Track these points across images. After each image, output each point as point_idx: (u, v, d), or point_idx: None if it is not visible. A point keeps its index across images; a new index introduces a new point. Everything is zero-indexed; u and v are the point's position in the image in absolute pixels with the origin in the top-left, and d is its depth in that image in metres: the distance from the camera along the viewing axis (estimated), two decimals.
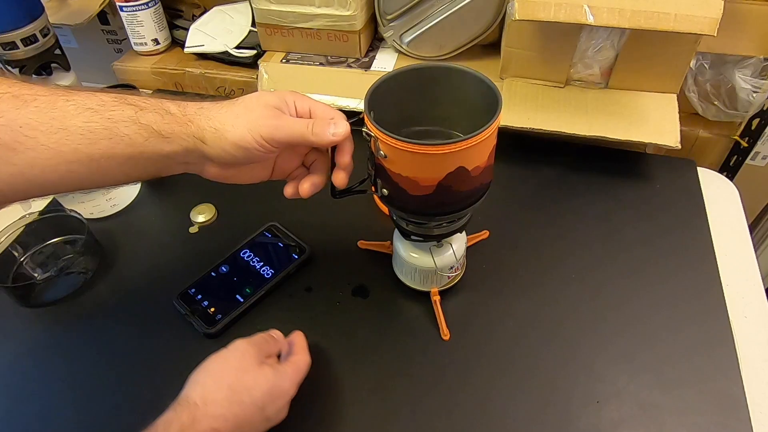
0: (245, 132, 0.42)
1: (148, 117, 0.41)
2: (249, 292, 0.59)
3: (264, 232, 0.65)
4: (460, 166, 0.42)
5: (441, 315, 0.56)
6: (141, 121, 0.41)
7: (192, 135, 0.42)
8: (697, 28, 0.56)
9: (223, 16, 0.92)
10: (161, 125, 0.41)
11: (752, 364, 0.53)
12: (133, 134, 0.40)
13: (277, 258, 0.62)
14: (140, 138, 0.40)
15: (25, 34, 0.73)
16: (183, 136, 0.42)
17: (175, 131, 0.41)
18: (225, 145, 0.42)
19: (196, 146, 0.42)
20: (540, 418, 0.49)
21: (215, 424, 0.40)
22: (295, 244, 0.64)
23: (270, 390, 0.44)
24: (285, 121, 0.43)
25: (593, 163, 0.73)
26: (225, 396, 0.42)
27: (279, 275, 0.60)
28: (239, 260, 0.62)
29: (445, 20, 0.75)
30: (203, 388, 0.42)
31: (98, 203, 0.68)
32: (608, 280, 0.60)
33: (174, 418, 0.40)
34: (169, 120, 0.42)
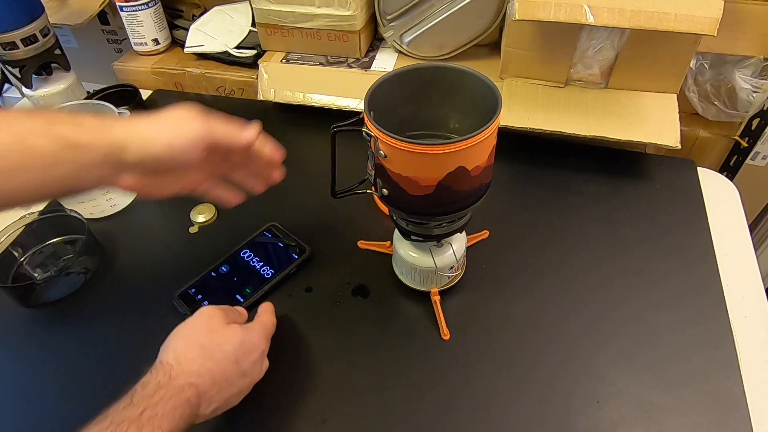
0: (174, 136, 0.43)
1: (60, 128, 0.41)
2: (249, 292, 0.59)
3: (264, 232, 0.65)
4: (460, 166, 0.42)
5: (441, 315, 0.56)
6: (53, 133, 0.41)
7: (111, 142, 0.42)
8: (697, 28, 0.56)
9: (223, 16, 0.92)
10: (75, 135, 0.41)
11: (752, 364, 0.53)
12: (45, 145, 0.40)
13: (277, 258, 0.62)
14: (53, 149, 0.40)
15: (25, 34, 0.73)
16: (100, 144, 0.42)
17: (91, 140, 0.42)
18: (152, 150, 0.43)
19: (114, 153, 0.42)
20: (540, 417, 0.49)
21: (191, 379, 0.41)
22: (295, 244, 0.63)
23: (241, 344, 0.45)
24: (214, 122, 0.46)
25: (593, 163, 0.73)
26: (198, 354, 0.43)
27: (279, 275, 0.60)
28: (239, 260, 0.62)
29: (445, 20, 0.75)
30: (175, 350, 0.43)
31: (98, 203, 0.68)
32: (608, 280, 0.60)
33: (151, 378, 0.41)
34: (84, 130, 0.42)
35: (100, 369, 0.55)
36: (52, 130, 0.41)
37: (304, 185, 0.73)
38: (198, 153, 0.44)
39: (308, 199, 0.70)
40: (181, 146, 0.43)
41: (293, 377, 0.53)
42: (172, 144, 0.43)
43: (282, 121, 0.84)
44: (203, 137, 0.44)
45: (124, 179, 0.44)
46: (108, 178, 0.43)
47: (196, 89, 0.91)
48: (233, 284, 0.60)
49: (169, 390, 0.40)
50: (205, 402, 0.42)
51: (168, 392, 0.40)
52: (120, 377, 0.54)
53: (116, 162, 0.42)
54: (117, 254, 0.65)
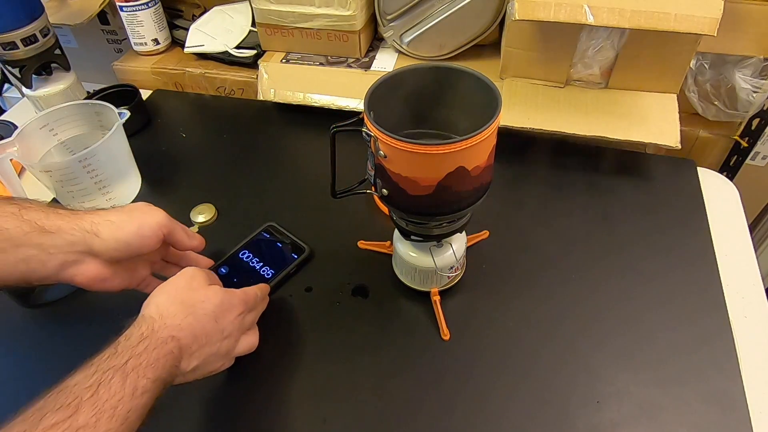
0: (142, 221, 0.48)
1: (31, 214, 0.43)
2: None
3: (262, 232, 0.65)
4: (460, 166, 0.42)
5: (441, 315, 0.56)
6: (24, 217, 0.43)
7: (83, 228, 0.45)
8: (697, 28, 0.56)
9: (223, 16, 0.92)
10: (45, 221, 0.43)
11: (752, 363, 0.53)
12: (13, 228, 0.42)
13: (277, 258, 0.62)
14: (20, 232, 0.42)
15: (25, 34, 0.73)
16: (70, 230, 0.44)
17: (61, 226, 0.44)
18: (121, 235, 0.46)
19: (84, 240, 0.45)
20: (540, 417, 0.49)
21: (173, 333, 0.42)
22: (294, 244, 0.63)
23: (220, 302, 0.46)
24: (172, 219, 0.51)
25: (593, 163, 0.73)
26: (179, 309, 0.44)
27: (279, 275, 0.60)
28: (239, 261, 0.62)
29: (445, 20, 0.75)
30: (158, 305, 0.44)
31: (98, 203, 0.68)
32: (608, 280, 0.60)
33: (134, 331, 0.41)
34: (55, 217, 0.44)
35: None
36: (25, 214, 0.43)
37: (304, 185, 0.73)
38: (159, 239, 0.49)
39: (308, 199, 0.70)
40: (147, 232, 0.48)
41: (293, 377, 0.53)
42: (141, 229, 0.47)
43: (282, 121, 0.84)
44: (166, 224, 0.49)
45: (85, 267, 0.46)
46: (70, 264, 0.45)
47: (196, 89, 0.91)
48: (233, 285, 0.59)
49: (152, 341, 0.40)
50: (186, 356, 0.43)
51: (151, 343, 0.40)
52: None
53: (84, 248, 0.45)
54: None
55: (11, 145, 0.63)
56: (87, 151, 0.63)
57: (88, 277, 0.46)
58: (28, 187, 0.67)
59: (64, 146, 0.71)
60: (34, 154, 0.67)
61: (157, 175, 0.75)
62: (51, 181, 0.64)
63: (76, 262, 0.45)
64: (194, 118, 0.89)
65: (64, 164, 0.63)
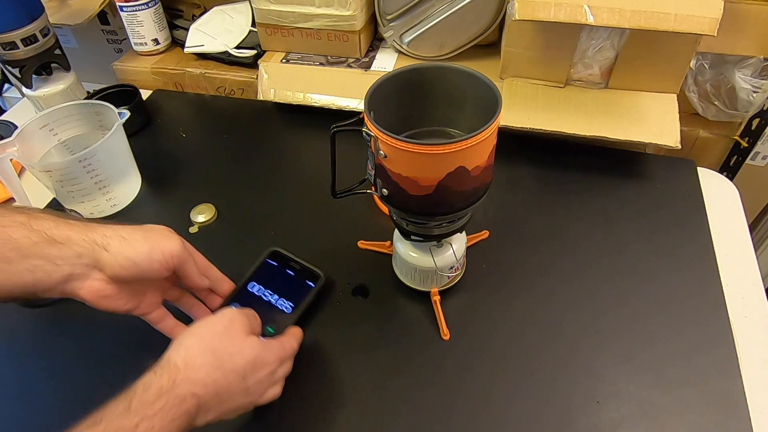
0: (155, 244, 0.45)
1: (41, 223, 0.42)
2: (272, 331, 0.52)
3: (267, 259, 0.59)
4: (460, 166, 0.42)
5: (441, 315, 0.56)
6: (33, 227, 0.41)
7: (93, 240, 0.43)
8: (697, 28, 0.56)
9: (223, 16, 0.92)
10: (55, 231, 0.42)
11: (752, 364, 0.53)
12: (22, 238, 0.40)
13: (291, 287, 0.57)
14: (28, 242, 0.41)
15: (25, 34, 0.73)
16: (80, 241, 0.43)
17: (71, 236, 0.42)
18: (131, 253, 0.44)
19: (93, 252, 0.43)
20: (540, 417, 0.49)
21: (194, 389, 0.40)
22: (304, 269, 0.58)
23: (254, 359, 0.43)
24: (187, 250, 0.48)
25: (593, 163, 0.73)
26: (207, 360, 0.41)
27: (300, 308, 0.55)
28: (249, 295, 0.56)
29: (445, 20, 0.75)
30: (186, 350, 0.42)
31: (98, 203, 0.68)
32: (608, 280, 0.60)
33: (154, 380, 0.39)
34: (66, 227, 0.43)
35: (100, 370, 0.55)
36: (34, 224, 0.41)
37: (304, 185, 0.73)
38: (169, 268, 0.46)
39: (308, 199, 0.70)
40: (158, 256, 0.45)
41: (293, 377, 0.53)
42: (152, 252, 0.45)
43: (282, 121, 0.84)
44: (179, 255, 0.46)
45: (90, 281, 0.44)
46: (75, 277, 0.43)
47: (196, 89, 0.91)
48: None
49: (170, 399, 0.38)
50: (203, 412, 0.41)
51: (169, 401, 0.38)
52: (120, 378, 0.54)
53: (91, 260, 0.43)
54: None
55: (11, 145, 0.63)
56: (87, 151, 0.63)
57: (92, 291, 0.44)
58: (28, 187, 0.67)
59: (64, 146, 0.71)
60: (34, 154, 0.67)
61: (157, 175, 0.75)
62: (51, 181, 0.64)
63: (81, 275, 0.43)
64: (194, 118, 0.89)
65: (64, 164, 0.63)
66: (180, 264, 0.47)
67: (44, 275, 0.42)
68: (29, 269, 0.41)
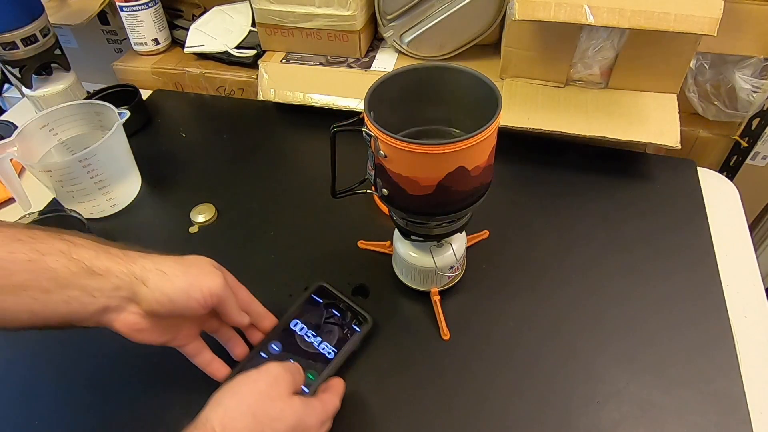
0: (194, 281, 0.43)
1: (81, 252, 0.41)
2: (312, 378, 0.50)
3: (313, 295, 0.56)
4: (460, 166, 0.42)
5: (441, 315, 0.56)
6: (73, 256, 0.40)
7: (132, 273, 0.42)
8: (697, 28, 0.56)
9: (223, 16, 0.92)
10: (95, 261, 0.41)
11: (752, 364, 0.53)
12: (61, 268, 0.39)
13: (336, 330, 0.53)
14: (67, 272, 0.39)
15: (25, 34, 0.73)
16: (119, 273, 0.41)
17: (111, 268, 0.41)
18: (169, 290, 0.42)
19: (131, 286, 0.41)
20: (540, 417, 0.49)
21: None
22: (351, 311, 0.55)
23: (295, 425, 0.40)
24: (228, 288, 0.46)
25: (593, 163, 0.73)
26: (246, 425, 0.38)
27: (343, 355, 0.51)
28: (292, 335, 0.53)
29: (445, 20, 0.75)
30: (225, 411, 0.39)
31: (98, 203, 0.68)
32: (608, 280, 0.60)
33: None
34: (106, 257, 0.41)
35: (100, 370, 0.55)
36: (74, 252, 0.40)
37: (304, 185, 0.73)
38: (206, 306, 0.44)
39: (308, 199, 0.70)
40: (196, 295, 0.43)
41: None
42: (191, 289, 0.43)
43: (282, 121, 0.84)
44: (218, 294, 0.44)
45: (126, 314, 0.42)
46: (111, 310, 0.42)
47: (196, 89, 0.91)
48: None
49: None
50: None
51: None
52: (120, 378, 0.54)
53: (129, 293, 0.42)
54: None
55: (11, 145, 0.63)
56: (87, 151, 0.63)
57: (127, 325, 0.43)
58: (28, 187, 0.67)
59: (64, 146, 0.71)
60: (34, 154, 0.67)
61: (157, 175, 0.75)
62: (51, 181, 0.64)
63: (117, 308, 0.42)
64: (194, 118, 0.89)
65: (64, 164, 0.63)
66: (219, 302, 0.45)
67: (80, 306, 0.40)
68: (66, 300, 0.40)
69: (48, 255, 0.39)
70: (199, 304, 0.44)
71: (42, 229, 0.41)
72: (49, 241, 0.40)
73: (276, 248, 0.65)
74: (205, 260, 0.47)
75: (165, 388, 0.53)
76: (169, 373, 0.53)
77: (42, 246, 0.39)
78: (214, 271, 0.46)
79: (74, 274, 0.40)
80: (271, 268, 0.63)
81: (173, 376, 0.53)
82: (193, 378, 0.49)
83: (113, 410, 0.52)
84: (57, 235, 0.41)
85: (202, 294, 0.43)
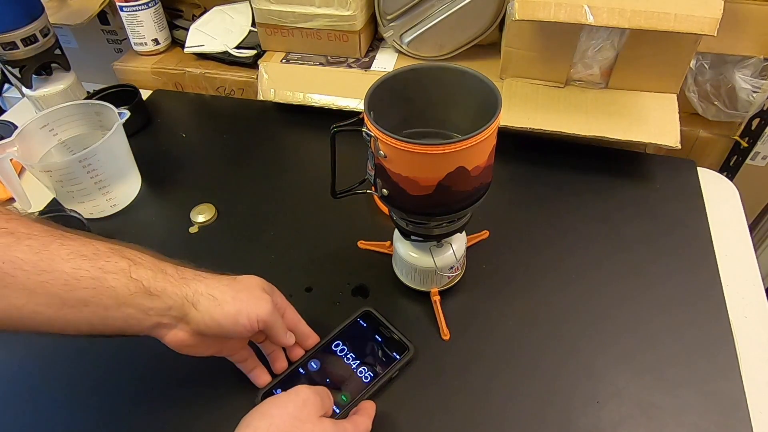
0: (243, 307, 0.44)
1: (140, 272, 0.42)
2: (345, 400, 0.50)
3: (359, 318, 0.56)
4: (460, 166, 0.42)
5: (441, 315, 0.56)
6: (133, 276, 0.41)
7: (183, 296, 0.43)
8: (697, 28, 0.56)
9: (223, 16, 0.92)
10: (152, 282, 0.42)
11: (752, 364, 0.53)
12: (121, 287, 0.41)
13: (375, 355, 0.53)
14: (126, 292, 0.41)
15: (25, 34, 0.73)
16: (173, 295, 0.43)
17: (166, 289, 0.42)
18: (218, 315, 0.43)
19: (182, 307, 0.43)
20: (540, 418, 0.49)
21: None
22: (394, 339, 0.54)
23: None
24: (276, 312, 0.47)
25: (593, 163, 0.73)
26: None
27: (379, 381, 0.51)
28: (332, 355, 0.53)
29: (445, 20, 0.75)
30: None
31: (98, 203, 0.68)
32: (608, 280, 0.60)
33: None
34: (163, 278, 0.43)
35: (100, 370, 0.55)
36: (134, 272, 0.41)
37: (304, 185, 0.73)
38: (253, 330, 0.46)
39: (308, 199, 0.70)
40: (244, 321, 0.44)
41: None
42: (239, 316, 0.44)
43: (282, 121, 0.84)
44: (266, 320, 0.46)
45: (175, 332, 0.44)
46: (162, 326, 0.43)
47: (196, 89, 0.91)
48: (326, 387, 0.48)
49: None
50: None
51: None
52: (120, 379, 0.54)
53: (180, 315, 0.43)
54: None
55: (11, 145, 0.63)
56: (87, 151, 0.63)
57: (176, 341, 0.44)
58: (28, 187, 0.67)
59: (64, 146, 0.71)
60: (34, 154, 0.67)
61: (157, 175, 0.75)
62: (51, 181, 0.64)
63: (168, 325, 0.44)
64: (194, 118, 0.89)
65: (64, 164, 0.63)
66: (266, 327, 0.46)
67: (135, 323, 0.42)
68: (123, 317, 0.41)
69: (110, 273, 0.41)
70: (246, 329, 0.45)
71: (105, 244, 0.42)
72: (112, 258, 0.41)
73: (276, 248, 0.65)
74: (256, 283, 0.48)
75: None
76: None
77: (105, 264, 0.41)
78: (263, 296, 0.47)
79: (133, 294, 0.41)
80: (271, 268, 0.63)
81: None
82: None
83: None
84: (119, 251, 0.42)
85: (249, 320, 0.45)
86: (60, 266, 0.39)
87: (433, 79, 0.47)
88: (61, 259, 0.39)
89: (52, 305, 0.39)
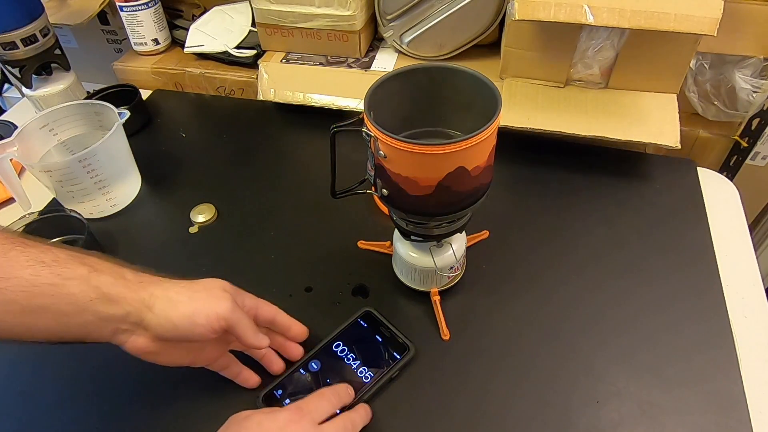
0: (200, 307, 0.44)
1: (100, 279, 0.42)
2: None
3: (359, 319, 0.57)
4: (460, 166, 0.42)
5: (441, 315, 0.56)
6: (92, 282, 0.41)
7: (141, 300, 0.42)
8: (697, 28, 0.56)
9: (223, 16, 0.92)
10: (112, 288, 0.42)
11: (752, 364, 0.53)
12: (80, 293, 0.40)
13: (375, 356, 0.53)
14: (85, 298, 0.41)
15: (25, 34, 0.73)
16: (130, 300, 0.42)
17: (125, 295, 0.42)
18: (173, 316, 0.43)
19: (139, 312, 0.42)
20: (540, 417, 0.49)
21: None
22: (395, 339, 0.55)
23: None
24: (238, 311, 0.46)
25: (593, 163, 0.73)
26: None
27: (379, 380, 0.51)
28: (332, 356, 0.54)
29: (445, 20, 0.75)
30: None
31: (98, 203, 0.68)
32: (608, 280, 0.60)
33: None
34: (122, 284, 0.42)
35: (100, 370, 0.55)
36: (93, 279, 0.41)
37: (304, 185, 0.73)
38: (214, 331, 0.44)
39: (308, 200, 0.70)
40: (201, 320, 0.43)
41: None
42: (195, 316, 0.43)
43: (282, 121, 0.84)
44: (226, 317, 0.44)
45: (135, 338, 0.43)
46: (121, 332, 0.43)
47: (196, 89, 0.91)
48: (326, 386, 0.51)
49: None
50: None
51: None
52: (120, 379, 0.54)
53: (137, 319, 0.43)
54: (116, 254, 0.65)
55: (11, 145, 0.63)
56: (87, 151, 0.63)
57: (136, 348, 0.44)
58: (28, 187, 0.67)
59: (64, 146, 0.71)
60: (34, 154, 0.67)
61: (157, 175, 0.75)
62: (51, 181, 0.64)
63: (127, 331, 0.43)
64: (194, 118, 0.89)
65: (64, 164, 0.63)
66: (229, 326, 0.45)
67: (94, 329, 0.42)
68: (82, 324, 0.41)
69: (69, 280, 0.40)
70: (206, 329, 0.44)
71: (65, 251, 0.42)
72: (71, 266, 0.41)
73: (276, 248, 0.65)
74: (215, 284, 0.47)
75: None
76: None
77: (64, 270, 0.41)
78: (223, 294, 0.46)
79: (92, 301, 0.41)
80: (271, 268, 0.63)
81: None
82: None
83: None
84: (79, 258, 0.42)
85: (207, 319, 0.44)
86: (19, 273, 0.39)
87: (432, 78, 0.47)
88: (20, 265, 0.39)
89: (11, 312, 0.39)
